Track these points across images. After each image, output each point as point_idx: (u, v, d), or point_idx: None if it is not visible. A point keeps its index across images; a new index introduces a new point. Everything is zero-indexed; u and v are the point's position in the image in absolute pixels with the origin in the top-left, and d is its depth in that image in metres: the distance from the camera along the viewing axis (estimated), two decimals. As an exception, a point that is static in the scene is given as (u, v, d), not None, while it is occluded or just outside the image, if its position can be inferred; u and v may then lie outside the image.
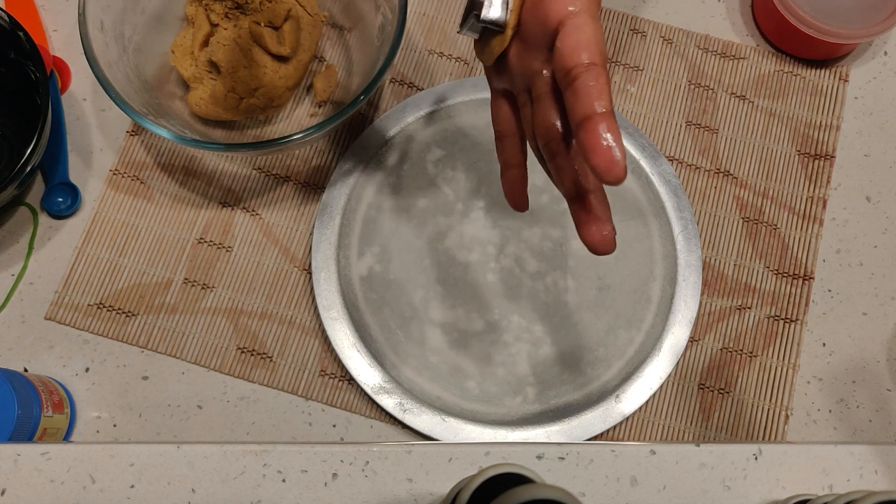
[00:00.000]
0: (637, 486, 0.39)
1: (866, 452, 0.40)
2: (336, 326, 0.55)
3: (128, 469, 0.38)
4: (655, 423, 0.55)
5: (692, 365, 0.56)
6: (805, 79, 0.63)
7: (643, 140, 0.59)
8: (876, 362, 0.57)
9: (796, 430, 0.55)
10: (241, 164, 0.60)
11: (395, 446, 0.39)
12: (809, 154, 0.61)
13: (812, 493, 0.39)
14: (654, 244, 0.58)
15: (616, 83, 0.62)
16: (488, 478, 0.33)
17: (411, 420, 0.53)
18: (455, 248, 0.57)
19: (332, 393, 0.55)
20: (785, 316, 0.57)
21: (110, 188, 0.59)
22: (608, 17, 0.64)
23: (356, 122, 0.61)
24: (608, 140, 0.33)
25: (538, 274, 0.57)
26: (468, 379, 0.55)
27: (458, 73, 0.62)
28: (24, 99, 0.55)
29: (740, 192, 0.60)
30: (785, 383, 0.56)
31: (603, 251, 0.37)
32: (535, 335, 0.56)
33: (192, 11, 0.58)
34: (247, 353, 0.56)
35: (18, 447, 0.39)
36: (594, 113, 0.33)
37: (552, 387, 0.55)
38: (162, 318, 0.56)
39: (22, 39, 0.54)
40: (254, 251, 0.58)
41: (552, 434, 0.53)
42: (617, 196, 0.59)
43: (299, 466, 0.39)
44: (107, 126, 0.61)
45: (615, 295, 0.57)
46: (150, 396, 0.54)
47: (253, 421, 0.54)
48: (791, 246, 0.59)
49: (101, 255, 0.57)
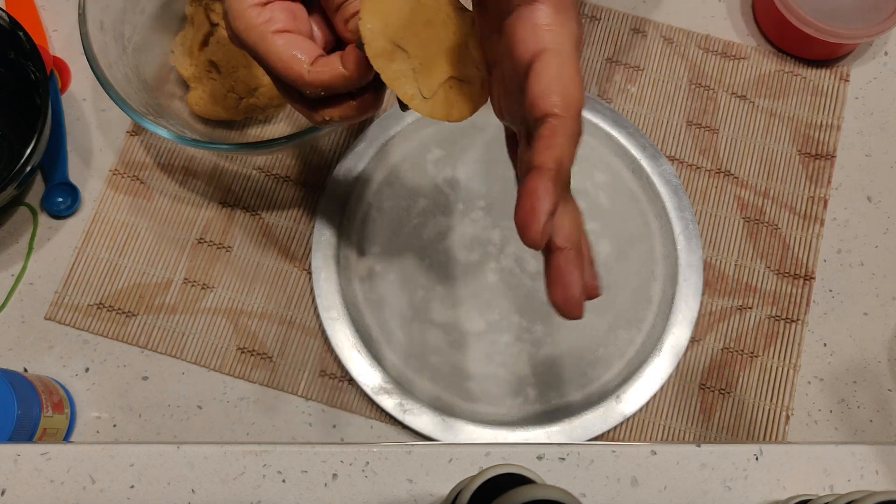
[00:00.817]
0: (638, 487, 0.39)
1: (867, 452, 0.40)
2: (336, 326, 0.55)
3: (128, 469, 0.38)
4: (656, 423, 0.55)
5: (693, 365, 0.56)
6: (805, 79, 0.63)
7: (643, 140, 0.59)
8: (877, 362, 0.57)
9: (797, 431, 0.55)
10: (241, 164, 0.60)
11: (395, 447, 0.39)
12: (810, 154, 0.61)
13: (813, 494, 0.39)
14: (654, 244, 0.58)
15: (616, 83, 0.62)
16: (489, 478, 0.33)
17: (411, 420, 0.53)
18: (455, 248, 0.57)
19: (332, 393, 0.55)
20: (786, 316, 0.57)
21: (110, 188, 0.59)
22: (608, 17, 0.64)
23: (356, 122, 0.61)
24: (563, 271, 0.30)
25: (538, 274, 0.57)
26: (468, 379, 0.55)
27: (459, 72, 0.62)
28: (24, 99, 0.55)
29: (741, 191, 0.60)
30: (786, 383, 0.56)
31: (568, 315, 0.32)
32: (536, 335, 0.56)
33: (192, 11, 0.58)
34: (247, 353, 0.55)
35: (18, 447, 0.39)
36: (528, 181, 0.29)
37: (552, 387, 0.55)
38: (162, 318, 0.56)
39: (22, 39, 0.54)
40: (254, 251, 0.58)
41: (552, 434, 0.53)
42: (618, 195, 0.59)
43: (299, 467, 0.39)
44: (107, 126, 0.60)
45: (616, 295, 0.57)
46: (150, 396, 0.54)
47: (253, 421, 0.54)
48: (792, 246, 0.59)
49: (100, 255, 0.57)
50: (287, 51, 0.36)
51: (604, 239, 0.58)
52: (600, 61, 0.63)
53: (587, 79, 0.62)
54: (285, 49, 0.36)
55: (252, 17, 0.36)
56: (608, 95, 0.62)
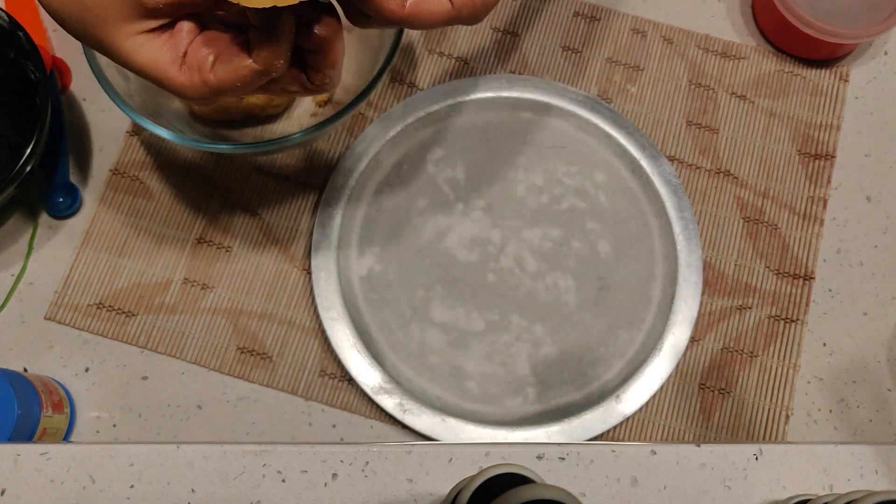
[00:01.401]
0: (637, 487, 0.39)
1: (867, 452, 0.40)
2: (336, 326, 0.55)
3: (127, 469, 0.38)
4: (656, 423, 0.55)
5: (693, 365, 0.56)
6: (805, 79, 0.63)
7: (643, 140, 0.59)
8: (876, 362, 0.57)
9: (797, 430, 0.55)
10: (240, 165, 0.60)
11: (395, 446, 0.39)
12: (810, 154, 0.61)
13: (812, 493, 0.39)
14: (654, 244, 0.58)
15: (616, 83, 0.62)
16: (488, 478, 0.33)
17: (411, 420, 0.53)
18: (455, 248, 0.57)
19: (332, 393, 0.55)
20: (785, 316, 0.57)
21: (110, 188, 0.59)
22: (608, 17, 0.64)
23: (356, 122, 0.61)
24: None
25: (538, 274, 0.57)
26: (468, 379, 0.55)
27: (459, 73, 0.62)
28: (24, 99, 0.55)
29: (741, 191, 0.60)
30: (785, 383, 0.56)
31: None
32: (535, 335, 0.56)
33: (192, 11, 0.58)
34: (246, 353, 0.56)
35: (18, 447, 0.39)
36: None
37: (552, 387, 0.55)
38: (162, 318, 0.56)
39: (22, 39, 0.54)
40: (254, 251, 0.58)
41: (552, 434, 0.53)
42: (618, 195, 0.59)
43: (299, 466, 0.39)
44: (107, 126, 0.60)
45: (615, 295, 0.57)
46: (150, 396, 0.54)
47: (253, 421, 0.54)
48: (791, 246, 0.59)
49: (100, 255, 0.57)
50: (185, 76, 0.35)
51: (603, 239, 0.58)
52: (600, 61, 0.63)
53: (587, 79, 0.62)
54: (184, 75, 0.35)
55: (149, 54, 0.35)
56: (608, 95, 0.62)
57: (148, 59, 0.35)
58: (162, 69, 0.35)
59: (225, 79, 0.35)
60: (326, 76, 0.37)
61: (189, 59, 0.35)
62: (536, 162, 0.59)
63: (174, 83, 0.35)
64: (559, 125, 0.60)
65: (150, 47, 0.35)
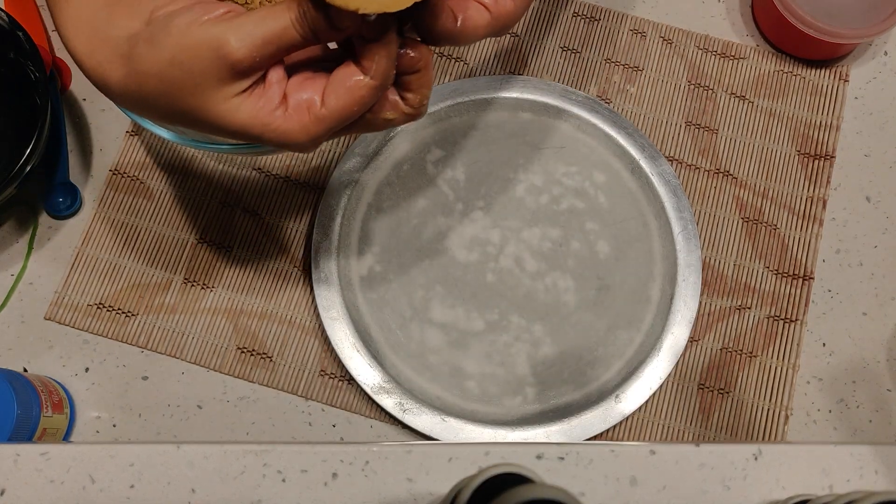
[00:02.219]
0: (637, 486, 0.39)
1: (866, 453, 0.40)
2: (336, 326, 0.55)
3: (127, 469, 0.38)
4: (655, 423, 0.55)
5: (692, 365, 0.56)
6: (805, 79, 0.63)
7: (643, 140, 0.59)
8: (876, 362, 0.57)
9: (796, 431, 0.55)
10: (241, 165, 0.60)
11: (395, 446, 0.39)
12: (809, 154, 0.61)
13: (812, 494, 0.39)
14: (653, 244, 0.58)
15: (616, 83, 0.63)
16: (488, 478, 0.33)
17: (411, 420, 0.53)
18: (455, 248, 0.58)
19: (332, 393, 0.55)
20: (785, 316, 0.57)
21: (110, 188, 0.59)
22: (608, 17, 0.64)
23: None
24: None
25: (538, 274, 0.57)
26: (468, 379, 0.55)
27: (459, 73, 0.62)
28: (24, 99, 0.55)
29: (740, 192, 0.60)
30: (785, 383, 0.56)
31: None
32: (535, 335, 0.56)
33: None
34: (247, 353, 0.56)
35: (18, 447, 0.39)
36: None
37: (552, 387, 0.55)
38: (162, 318, 0.56)
39: (22, 39, 0.54)
40: (254, 251, 0.58)
41: (552, 434, 0.53)
42: (617, 196, 0.59)
43: (299, 466, 0.39)
44: (107, 126, 0.61)
45: (615, 295, 0.57)
46: (150, 396, 0.54)
47: (253, 421, 0.54)
48: (791, 246, 0.59)
49: (100, 256, 0.57)
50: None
51: (603, 239, 0.58)
52: (599, 61, 0.63)
53: (587, 79, 0.63)
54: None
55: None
56: (607, 96, 0.62)
57: (247, 116, 0.33)
58: (264, 122, 0.33)
59: (338, 107, 0.33)
60: (424, 96, 0.35)
61: (291, 103, 0.34)
62: (536, 162, 0.60)
63: (280, 131, 0.34)
64: (559, 126, 0.60)
65: (247, 105, 0.33)
